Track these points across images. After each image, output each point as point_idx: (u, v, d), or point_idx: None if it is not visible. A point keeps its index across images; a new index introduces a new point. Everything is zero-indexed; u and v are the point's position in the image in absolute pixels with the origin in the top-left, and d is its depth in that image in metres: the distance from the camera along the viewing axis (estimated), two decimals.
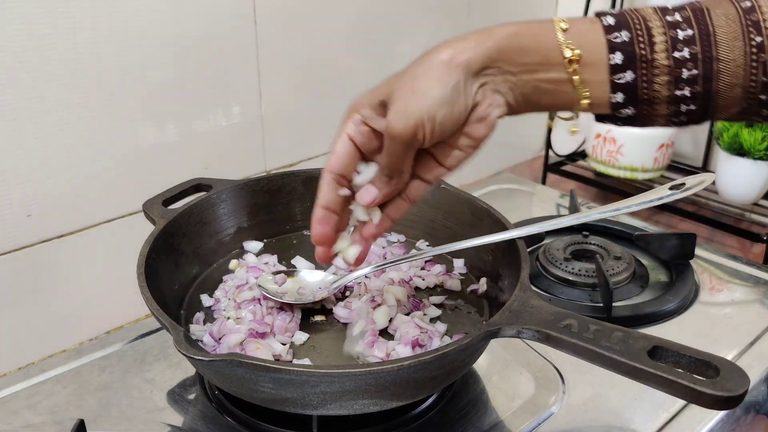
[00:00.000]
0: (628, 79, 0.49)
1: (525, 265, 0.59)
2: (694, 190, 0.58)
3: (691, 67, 0.48)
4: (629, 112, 0.50)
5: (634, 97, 0.49)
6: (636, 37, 0.48)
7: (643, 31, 0.48)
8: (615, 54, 0.48)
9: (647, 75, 0.48)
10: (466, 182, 1.18)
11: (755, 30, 0.47)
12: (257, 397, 0.54)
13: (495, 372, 0.68)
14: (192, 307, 0.67)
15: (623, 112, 0.50)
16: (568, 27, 0.49)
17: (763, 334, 0.75)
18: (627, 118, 0.51)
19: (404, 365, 0.48)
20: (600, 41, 0.49)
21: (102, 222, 0.75)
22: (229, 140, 0.83)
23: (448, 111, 0.49)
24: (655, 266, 0.87)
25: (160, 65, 0.74)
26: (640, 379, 0.47)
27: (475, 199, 0.72)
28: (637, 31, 0.48)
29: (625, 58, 0.48)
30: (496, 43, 0.49)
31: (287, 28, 0.84)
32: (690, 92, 0.48)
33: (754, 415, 0.71)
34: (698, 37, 0.47)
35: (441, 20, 1.02)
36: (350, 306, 0.66)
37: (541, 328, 0.51)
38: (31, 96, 0.66)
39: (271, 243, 0.78)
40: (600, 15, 0.50)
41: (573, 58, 0.49)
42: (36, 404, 0.64)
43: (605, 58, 0.49)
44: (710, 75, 0.48)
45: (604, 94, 0.50)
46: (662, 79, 0.48)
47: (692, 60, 0.47)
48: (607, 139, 1.09)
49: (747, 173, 0.97)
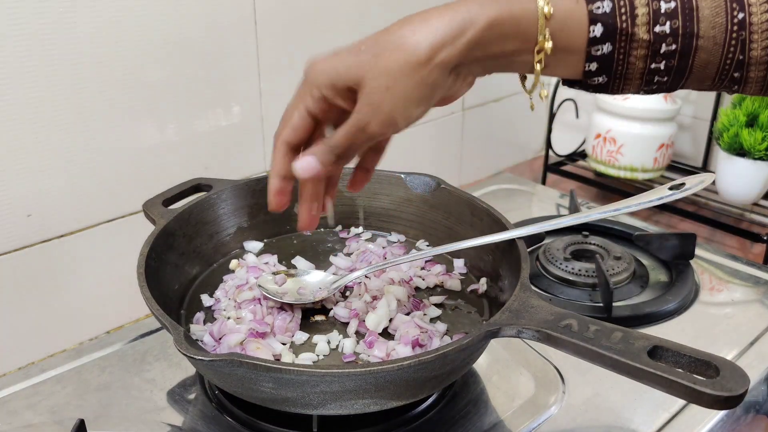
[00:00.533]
0: (605, 51, 0.47)
1: (525, 265, 0.59)
2: (694, 190, 0.58)
3: (671, 42, 0.47)
4: (601, 81, 0.49)
5: (609, 68, 0.48)
6: (618, 9, 0.47)
7: (625, 1, 0.47)
8: (596, 26, 0.47)
9: (625, 48, 0.47)
10: (466, 182, 1.18)
11: (738, 6, 0.46)
12: (257, 397, 0.54)
13: (495, 372, 0.68)
14: (192, 307, 0.67)
15: (595, 80, 0.49)
16: (552, 12, 0.47)
17: (763, 334, 0.76)
18: (597, 86, 0.50)
19: (404, 365, 0.48)
20: (581, 15, 0.47)
21: (102, 222, 0.75)
22: (229, 140, 0.83)
23: (424, 109, 0.48)
24: (655, 266, 0.87)
25: (160, 65, 0.74)
26: (639, 379, 0.47)
27: (475, 199, 0.72)
28: (619, 1, 0.47)
29: (604, 30, 0.47)
30: (476, 34, 0.46)
31: (287, 28, 0.84)
32: (664, 66, 0.48)
33: (754, 415, 0.71)
34: (680, 11, 0.46)
35: None
36: (350, 306, 0.66)
37: (541, 328, 0.51)
38: (31, 96, 0.66)
39: (271, 243, 0.78)
40: None
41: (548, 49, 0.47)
42: (36, 404, 0.64)
43: (585, 31, 0.47)
44: (688, 51, 0.47)
45: (579, 63, 0.49)
46: (639, 52, 0.47)
47: (672, 35, 0.46)
48: (607, 139, 1.09)
49: (747, 173, 0.97)
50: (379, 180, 0.78)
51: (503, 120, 1.21)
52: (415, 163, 1.07)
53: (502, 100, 1.19)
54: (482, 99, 1.15)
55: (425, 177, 0.76)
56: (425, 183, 0.76)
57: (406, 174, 0.77)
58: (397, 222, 0.79)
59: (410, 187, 0.77)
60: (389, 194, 0.78)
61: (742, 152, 0.96)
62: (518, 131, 1.26)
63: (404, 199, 0.78)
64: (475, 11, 0.47)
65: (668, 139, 1.07)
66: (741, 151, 0.96)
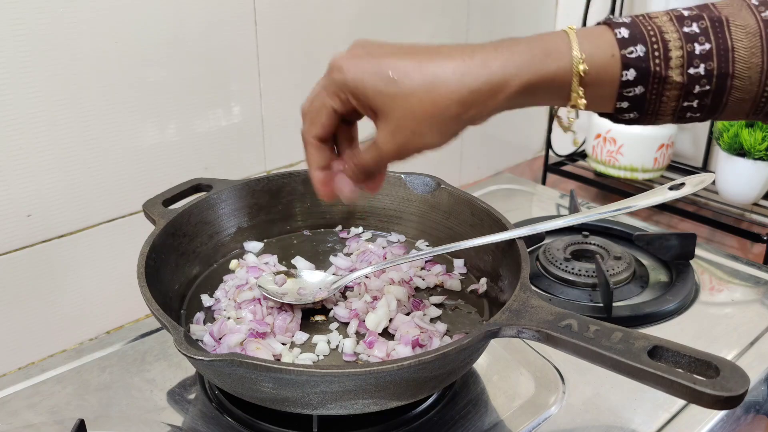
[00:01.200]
0: (637, 92, 0.47)
1: (525, 265, 0.59)
2: (693, 190, 0.58)
3: (705, 83, 0.46)
4: (632, 116, 0.49)
5: (641, 107, 0.48)
6: (651, 52, 0.46)
7: (659, 45, 0.46)
8: (628, 71, 0.46)
9: (657, 89, 0.47)
10: (466, 182, 1.18)
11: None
12: (257, 397, 0.54)
13: (495, 372, 0.68)
14: (192, 307, 0.67)
15: (626, 115, 0.50)
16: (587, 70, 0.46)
17: (763, 334, 0.76)
18: (629, 120, 0.50)
19: (404, 365, 0.49)
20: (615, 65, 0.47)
21: (102, 222, 0.75)
22: (229, 140, 0.83)
23: (445, 145, 0.50)
24: (655, 266, 0.87)
25: (160, 65, 0.74)
26: (640, 379, 0.47)
27: (475, 199, 0.72)
28: (653, 45, 0.46)
29: (637, 74, 0.46)
30: (508, 96, 0.47)
31: (287, 28, 0.84)
32: (698, 104, 0.47)
33: (754, 415, 0.71)
34: (715, 53, 0.46)
35: (441, 20, 1.02)
36: (350, 306, 0.66)
37: (541, 328, 0.51)
38: (31, 96, 0.66)
39: (271, 243, 0.78)
40: (612, 25, 0.47)
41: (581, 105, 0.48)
42: (36, 404, 0.64)
43: (618, 76, 0.47)
44: (722, 91, 0.46)
45: (610, 102, 0.49)
46: (672, 93, 0.47)
47: (706, 77, 0.46)
48: (607, 139, 1.09)
49: (747, 173, 0.97)
50: None
51: (503, 120, 1.20)
52: (415, 163, 1.07)
53: None
54: None
55: (425, 177, 0.76)
56: (425, 183, 0.76)
57: (406, 174, 0.77)
58: (397, 222, 0.79)
59: (410, 187, 0.77)
60: (389, 194, 0.78)
61: (742, 152, 0.96)
62: (518, 131, 1.26)
63: (404, 199, 0.78)
64: (510, 72, 0.47)
65: (668, 139, 1.07)
66: (741, 151, 0.96)
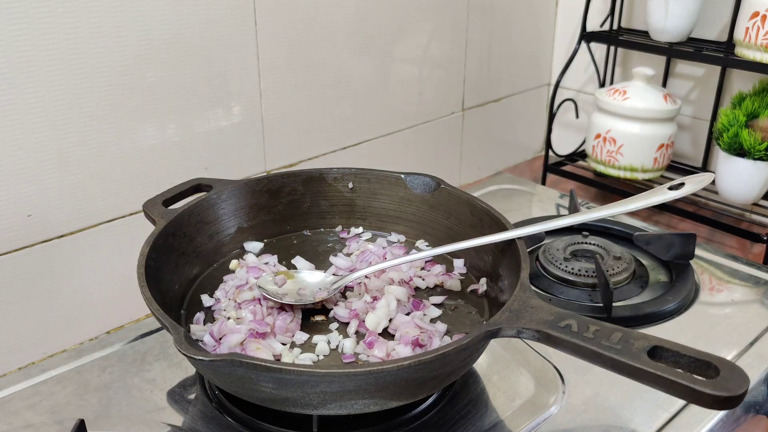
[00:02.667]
0: None
1: (525, 265, 0.59)
2: (693, 190, 0.58)
3: None
4: None
5: None
6: None
7: None
8: None
9: None
10: (466, 182, 1.18)
11: None
12: (257, 397, 0.54)
13: (495, 372, 0.68)
14: (192, 307, 0.67)
15: None
16: None
17: (763, 334, 0.76)
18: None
19: (404, 365, 0.49)
20: None
21: (102, 222, 0.75)
22: (229, 140, 0.83)
23: None
24: (655, 266, 0.87)
25: (160, 65, 0.74)
26: (639, 379, 0.47)
27: (475, 199, 0.72)
28: None
29: None
30: None
31: (287, 27, 0.84)
32: None
33: (754, 415, 0.71)
34: None
35: (441, 20, 1.02)
36: (350, 306, 0.66)
37: (541, 328, 0.51)
38: (31, 96, 0.66)
39: (271, 243, 0.78)
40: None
41: None
42: (36, 404, 0.64)
43: None
44: None
45: None
46: None
47: None
48: (607, 139, 1.09)
49: (747, 173, 0.97)
50: (379, 180, 0.78)
51: (503, 120, 1.21)
52: (415, 163, 1.07)
53: (502, 101, 1.19)
54: (482, 99, 1.15)
55: (425, 177, 0.76)
56: (425, 183, 0.76)
57: (406, 174, 0.77)
58: (397, 222, 0.79)
59: (410, 187, 0.77)
60: (389, 194, 0.78)
61: (742, 152, 0.96)
62: (518, 131, 1.26)
63: (404, 199, 0.78)
64: None
65: (668, 139, 1.07)
66: (741, 151, 0.96)
